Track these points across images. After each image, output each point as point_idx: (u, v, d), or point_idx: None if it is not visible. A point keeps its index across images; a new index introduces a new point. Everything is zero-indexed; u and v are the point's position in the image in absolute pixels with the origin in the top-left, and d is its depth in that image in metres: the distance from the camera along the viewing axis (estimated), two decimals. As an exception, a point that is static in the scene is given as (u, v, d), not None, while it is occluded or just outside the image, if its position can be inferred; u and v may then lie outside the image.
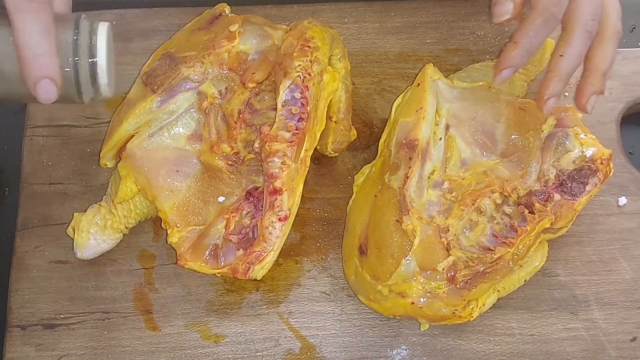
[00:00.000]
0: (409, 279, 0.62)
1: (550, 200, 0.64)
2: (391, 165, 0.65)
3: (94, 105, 0.77)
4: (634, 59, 0.76)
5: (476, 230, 0.63)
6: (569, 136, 0.66)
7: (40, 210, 0.72)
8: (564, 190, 0.64)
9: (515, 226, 0.63)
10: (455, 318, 0.63)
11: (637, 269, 0.69)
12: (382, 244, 0.63)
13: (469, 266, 0.62)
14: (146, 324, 0.68)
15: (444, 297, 0.62)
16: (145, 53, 0.75)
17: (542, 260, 0.67)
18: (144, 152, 0.67)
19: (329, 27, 0.70)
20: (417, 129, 0.65)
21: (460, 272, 0.62)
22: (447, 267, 0.62)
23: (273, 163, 0.63)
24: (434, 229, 0.63)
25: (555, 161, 0.66)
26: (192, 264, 0.64)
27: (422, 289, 0.62)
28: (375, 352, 0.67)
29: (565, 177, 0.65)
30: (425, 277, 0.62)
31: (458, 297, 0.62)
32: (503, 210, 0.64)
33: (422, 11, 0.80)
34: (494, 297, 0.65)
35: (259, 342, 0.67)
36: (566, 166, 0.65)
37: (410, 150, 0.64)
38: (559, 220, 0.64)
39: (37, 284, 0.70)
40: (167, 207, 0.66)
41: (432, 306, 0.62)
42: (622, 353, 0.66)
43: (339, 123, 0.70)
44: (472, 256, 0.62)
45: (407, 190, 0.63)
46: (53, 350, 0.67)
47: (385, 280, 0.62)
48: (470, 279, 0.62)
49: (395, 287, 0.62)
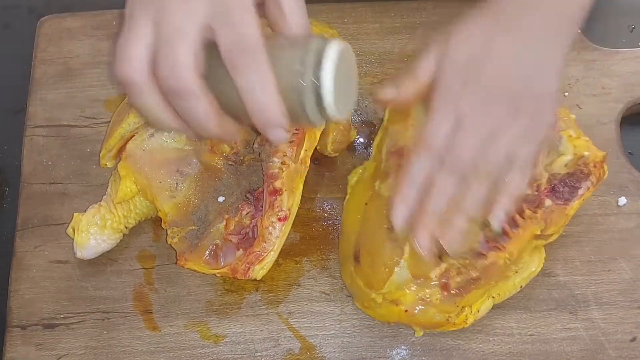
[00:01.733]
0: (401, 287, 0.62)
1: (541, 206, 0.63)
2: (382, 173, 0.65)
3: (93, 106, 0.77)
4: (634, 59, 0.76)
5: (468, 237, 0.62)
6: (561, 139, 0.66)
7: (40, 210, 0.73)
8: (556, 195, 0.64)
9: (507, 231, 0.62)
10: (449, 325, 0.63)
11: (636, 268, 0.69)
12: (374, 252, 0.63)
13: (461, 273, 0.62)
14: (146, 324, 0.68)
15: (438, 304, 0.62)
16: (145, 53, 0.75)
17: (538, 266, 0.66)
18: (144, 152, 0.67)
19: (328, 27, 0.70)
20: (406, 136, 0.65)
21: (453, 278, 0.62)
22: (439, 274, 0.62)
23: (273, 163, 0.63)
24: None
25: (547, 165, 0.65)
26: (192, 264, 0.64)
27: (415, 296, 0.62)
28: (374, 353, 0.67)
29: (557, 182, 0.64)
30: (418, 284, 0.62)
31: (451, 304, 0.62)
32: None
33: (422, 11, 0.80)
34: (489, 303, 0.65)
35: (258, 342, 0.67)
36: (558, 170, 0.65)
37: (399, 158, 0.64)
38: (549, 226, 0.63)
39: (37, 284, 0.70)
40: (167, 207, 0.66)
41: (426, 313, 0.62)
42: (621, 353, 0.66)
43: (339, 123, 0.71)
44: (465, 262, 0.62)
45: None
46: (53, 350, 0.67)
47: (378, 288, 0.62)
48: (463, 286, 0.62)
49: (388, 295, 0.62)
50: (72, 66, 0.79)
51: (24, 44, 0.81)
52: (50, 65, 0.79)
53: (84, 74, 0.78)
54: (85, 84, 0.78)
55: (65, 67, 0.79)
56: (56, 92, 0.78)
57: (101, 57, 0.79)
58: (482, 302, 0.64)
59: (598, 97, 0.75)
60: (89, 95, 0.77)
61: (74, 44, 0.80)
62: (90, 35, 0.79)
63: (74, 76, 0.78)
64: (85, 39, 0.79)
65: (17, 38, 0.85)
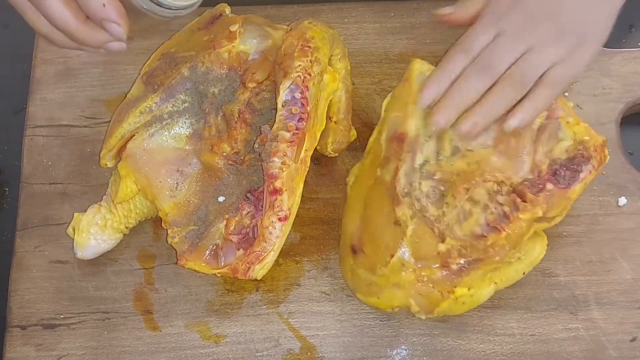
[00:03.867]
0: (403, 268, 0.62)
1: (543, 190, 0.63)
2: (382, 160, 0.66)
3: (93, 106, 0.77)
4: (633, 59, 0.76)
5: (470, 220, 0.63)
6: (561, 126, 0.65)
7: (40, 210, 0.73)
8: (558, 178, 0.64)
9: (507, 214, 0.62)
10: (444, 301, 0.62)
11: (636, 268, 0.69)
12: (376, 235, 0.63)
13: (462, 254, 0.62)
14: (146, 324, 0.68)
15: (437, 281, 0.62)
16: (145, 53, 0.75)
17: (541, 252, 0.66)
18: (144, 152, 0.67)
19: (329, 28, 0.70)
20: (406, 123, 0.65)
21: (454, 259, 0.62)
22: (441, 255, 0.62)
23: (273, 163, 0.63)
24: (427, 219, 0.63)
25: (548, 152, 0.65)
26: (192, 264, 0.64)
27: (416, 277, 0.62)
28: (375, 352, 0.67)
29: (558, 166, 0.64)
30: (419, 265, 0.62)
31: (451, 283, 0.62)
32: (497, 200, 0.63)
33: (422, 11, 0.80)
34: (492, 289, 0.64)
35: (259, 342, 0.67)
36: (559, 155, 0.65)
37: (400, 142, 0.65)
38: (551, 209, 0.63)
39: (37, 284, 0.70)
40: (167, 207, 0.66)
41: (424, 289, 0.62)
42: (622, 353, 0.66)
43: (339, 123, 0.71)
44: (465, 244, 0.62)
45: (397, 182, 0.64)
46: (53, 350, 0.67)
47: (382, 266, 0.62)
48: (463, 266, 0.62)
49: (391, 277, 0.62)
50: (72, 66, 0.79)
51: (24, 44, 0.81)
52: (50, 65, 0.79)
53: (84, 74, 0.78)
54: (85, 84, 0.78)
55: (65, 67, 0.79)
56: (56, 92, 0.78)
57: (101, 57, 0.79)
58: (483, 286, 0.64)
59: (598, 97, 0.75)
60: (89, 95, 0.77)
61: (74, 44, 0.80)
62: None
63: (74, 76, 0.78)
64: (85, 39, 0.79)
65: (17, 38, 0.85)
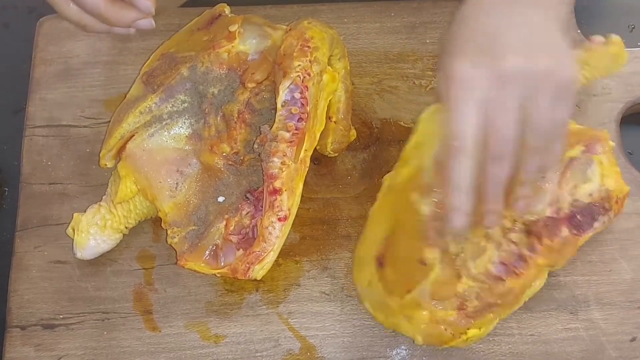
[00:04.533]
0: (420, 305, 0.62)
1: (559, 235, 0.62)
2: (424, 186, 0.63)
3: (93, 106, 0.77)
4: (633, 59, 0.76)
5: (483, 257, 0.62)
6: (592, 164, 0.64)
7: (40, 210, 0.72)
8: (574, 224, 0.63)
9: (524, 255, 0.62)
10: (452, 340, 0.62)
11: (636, 269, 0.69)
12: (398, 263, 0.63)
13: (480, 298, 0.62)
14: (146, 325, 0.68)
15: (449, 322, 0.61)
16: (145, 53, 0.75)
17: (540, 284, 0.65)
18: (144, 152, 0.67)
19: (328, 27, 0.70)
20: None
21: (470, 302, 0.61)
22: (458, 296, 0.61)
23: (273, 163, 0.63)
24: (450, 259, 0.62)
25: (572, 188, 0.64)
26: (192, 264, 0.64)
27: (430, 317, 0.61)
28: (375, 352, 0.67)
29: (578, 211, 0.63)
30: (435, 305, 0.62)
31: (463, 325, 0.62)
32: (509, 237, 0.62)
33: (422, 11, 0.80)
34: (496, 322, 0.64)
35: (258, 343, 0.67)
36: (582, 197, 0.64)
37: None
38: (560, 259, 0.63)
39: (37, 284, 0.70)
40: (167, 207, 0.66)
41: (435, 329, 0.62)
42: (622, 353, 0.66)
43: (339, 123, 0.70)
44: (483, 286, 0.62)
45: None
46: (52, 350, 0.67)
47: (398, 296, 0.62)
48: (479, 310, 0.62)
49: (404, 309, 0.62)
50: (72, 66, 0.79)
51: (24, 44, 0.81)
52: (50, 65, 0.79)
53: (84, 74, 0.78)
54: (85, 84, 0.78)
55: (65, 67, 0.79)
56: (56, 92, 0.78)
57: (101, 57, 0.79)
58: (492, 323, 0.63)
59: (598, 97, 0.75)
60: (89, 95, 0.77)
61: (73, 43, 0.79)
62: (90, 35, 0.79)
63: (73, 76, 0.78)
64: (85, 39, 0.79)
65: (17, 38, 0.85)
